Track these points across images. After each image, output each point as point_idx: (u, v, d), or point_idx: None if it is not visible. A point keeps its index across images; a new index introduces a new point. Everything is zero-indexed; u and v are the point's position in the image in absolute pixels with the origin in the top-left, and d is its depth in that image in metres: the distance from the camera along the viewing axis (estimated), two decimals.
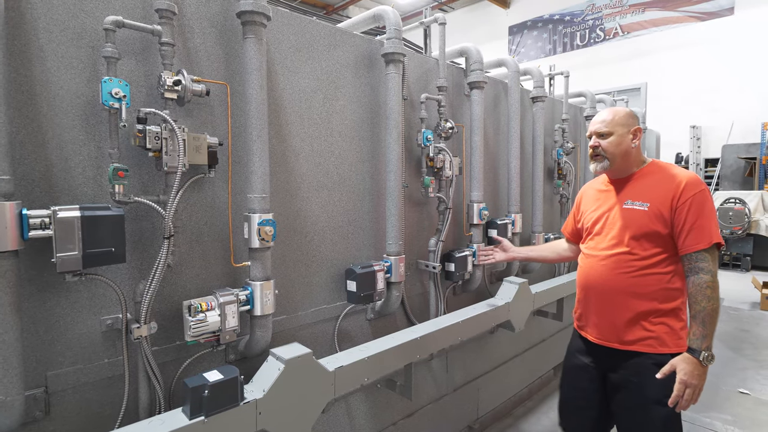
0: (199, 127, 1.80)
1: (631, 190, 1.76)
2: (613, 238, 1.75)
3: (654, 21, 11.22)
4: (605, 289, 1.76)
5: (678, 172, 1.70)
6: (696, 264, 1.60)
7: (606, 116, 1.78)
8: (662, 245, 1.66)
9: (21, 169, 1.42)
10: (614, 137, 1.75)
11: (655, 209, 1.65)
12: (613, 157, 1.75)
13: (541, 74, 3.70)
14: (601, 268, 1.77)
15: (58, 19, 1.47)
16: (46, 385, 1.48)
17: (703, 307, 1.56)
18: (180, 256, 1.75)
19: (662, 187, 1.68)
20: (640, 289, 1.68)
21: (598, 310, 1.81)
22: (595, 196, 1.93)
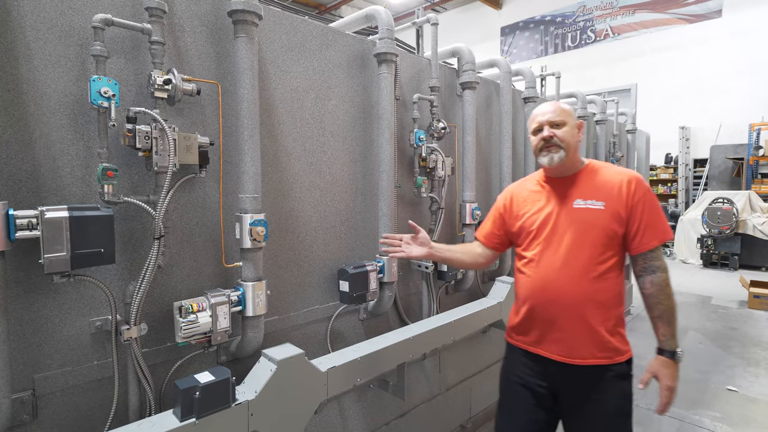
0: (190, 126, 1.78)
1: (579, 188, 1.61)
2: (571, 242, 1.56)
3: (644, 23, 11.35)
4: (568, 300, 1.55)
5: (623, 170, 1.63)
6: (651, 263, 1.54)
7: (555, 107, 1.64)
8: (615, 247, 1.56)
9: (7, 168, 1.39)
10: (568, 127, 1.61)
11: (612, 208, 1.54)
12: (568, 148, 1.59)
13: (532, 75, 3.72)
14: (560, 276, 1.56)
15: (46, 16, 1.45)
16: (33, 388, 1.46)
17: (666, 306, 1.52)
18: (170, 256, 1.74)
19: (613, 186, 1.57)
20: (601, 296, 1.55)
21: (560, 325, 1.58)
22: (531, 197, 1.72)
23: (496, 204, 1.87)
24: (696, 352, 4.30)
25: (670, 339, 1.53)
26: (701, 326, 5.08)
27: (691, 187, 10.60)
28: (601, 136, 4.90)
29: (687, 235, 9.00)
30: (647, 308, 1.57)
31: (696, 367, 3.96)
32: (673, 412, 3.16)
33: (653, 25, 11.21)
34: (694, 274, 7.94)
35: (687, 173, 10.55)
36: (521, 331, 1.72)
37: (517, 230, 1.73)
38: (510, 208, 1.78)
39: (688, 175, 10.58)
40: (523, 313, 1.69)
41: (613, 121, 5.31)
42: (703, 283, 7.21)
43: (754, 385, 3.63)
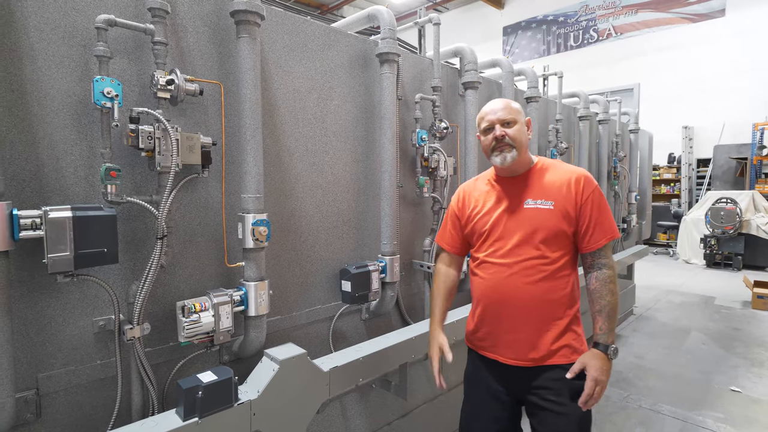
0: (193, 126, 1.79)
1: (529, 188, 1.59)
2: (521, 242, 1.55)
3: (646, 22, 11.31)
4: (521, 301, 1.54)
5: (571, 168, 1.61)
6: (599, 260, 1.55)
7: (504, 104, 1.60)
8: (566, 246, 1.56)
9: (11, 169, 1.40)
10: (518, 125, 1.58)
11: (561, 207, 1.53)
12: (520, 146, 1.57)
13: (535, 75, 3.72)
14: (512, 276, 1.55)
15: (49, 17, 1.46)
16: (37, 387, 1.46)
17: (608, 301, 1.53)
18: (173, 256, 1.74)
19: (562, 185, 1.56)
20: (553, 295, 1.54)
21: (513, 326, 1.56)
22: (482, 197, 1.69)
23: (450, 205, 1.81)
24: (698, 353, 4.29)
25: (606, 333, 1.52)
26: (704, 326, 5.06)
27: (695, 186, 10.56)
28: (604, 136, 4.89)
29: (690, 235, 8.97)
30: (590, 303, 1.57)
31: (698, 367, 3.94)
32: (676, 412, 3.15)
33: (656, 25, 11.17)
34: (697, 275, 7.91)
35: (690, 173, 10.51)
36: (477, 334, 1.69)
37: (470, 231, 1.69)
38: (463, 208, 1.74)
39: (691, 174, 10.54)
40: (477, 316, 1.68)
41: (615, 121, 5.29)
42: (706, 284, 7.19)
43: (757, 385, 3.62)
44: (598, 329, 1.53)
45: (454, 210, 1.78)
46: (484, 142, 1.62)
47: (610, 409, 3.19)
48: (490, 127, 1.59)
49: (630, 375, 3.76)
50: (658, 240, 10.59)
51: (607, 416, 3.09)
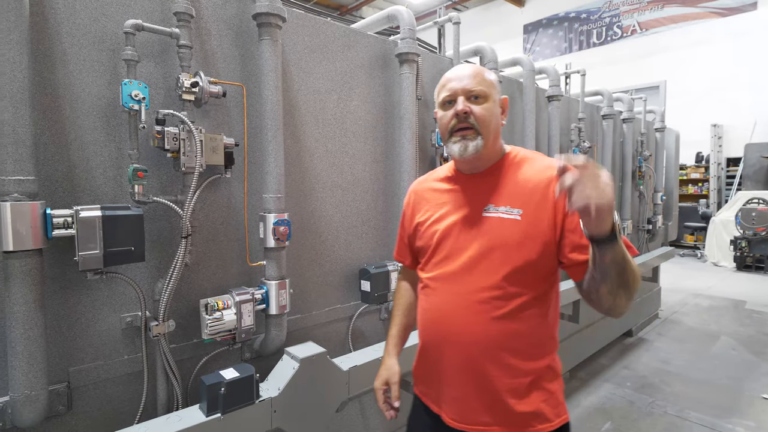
0: (216, 128, 1.82)
1: (492, 189, 1.16)
2: (474, 264, 1.13)
3: (673, 17, 10.98)
4: (467, 345, 1.12)
5: (550, 163, 1.17)
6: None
7: (473, 71, 1.16)
8: (535, 274, 1.10)
9: (45, 169, 1.45)
10: (489, 103, 1.14)
11: (531, 219, 1.09)
12: (487, 134, 1.13)
13: (556, 73, 3.66)
14: (458, 310, 1.14)
15: (81, 23, 1.51)
16: (68, 380, 1.52)
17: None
18: (197, 255, 1.78)
19: (536, 186, 1.11)
20: (513, 342, 1.11)
21: (458, 378, 1.15)
22: (434, 198, 1.27)
23: (404, 208, 1.41)
24: (728, 358, 4.14)
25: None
26: (734, 331, 4.89)
27: (724, 187, 10.20)
28: (628, 135, 4.78)
29: (719, 236, 8.67)
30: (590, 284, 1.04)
31: (728, 373, 3.81)
32: (704, 420, 3.05)
33: (683, 20, 10.84)
34: (726, 278, 7.64)
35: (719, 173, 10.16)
36: (420, 378, 1.32)
37: (418, 245, 1.29)
38: (412, 215, 1.33)
39: (721, 174, 10.18)
40: (420, 352, 1.30)
41: (640, 120, 5.16)
42: (736, 287, 6.93)
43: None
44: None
45: (404, 216, 1.39)
46: (441, 120, 1.17)
47: (634, 414, 3.11)
48: (452, 99, 1.15)
49: (656, 380, 3.66)
50: (685, 242, 10.27)
51: (632, 422, 3.01)
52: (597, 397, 3.35)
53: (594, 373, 3.79)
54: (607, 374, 3.76)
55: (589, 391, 3.45)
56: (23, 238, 1.29)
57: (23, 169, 1.31)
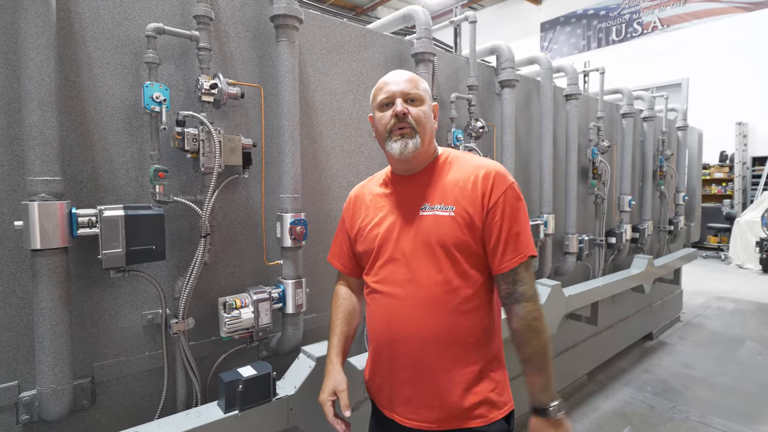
0: (234, 128, 1.85)
1: (426, 188, 1.22)
2: (415, 263, 1.17)
3: (696, 13, 10.71)
4: (417, 343, 1.16)
5: (481, 162, 1.22)
6: (515, 288, 1.15)
7: (409, 76, 1.22)
8: (475, 266, 1.17)
9: (70, 170, 1.50)
10: (425, 106, 1.21)
11: (463, 213, 1.15)
12: (423, 133, 1.19)
13: (575, 71, 3.60)
14: (405, 310, 1.17)
15: (104, 27, 1.55)
16: (92, 375, 1.56)
17: (534, 347, 1.14)
18: (215, 254, 1.81)
19: (466, 183, 1.18)
20: (460, 334, 1.15)
21: (410, 377, 1.18)
22: (374, 202, 1.30)
23: (343, 213, 1.43)
24: (754, 364, 4.02)
25: (543, 390, 1.14)
26: (760, 336, 4.74)
27: (749, 186, 9.89)
28: (649, 134, 4.68)
29: (744, 238, 8.42)
30: (515, 348, 1.19)
31: (754, 379, 3.69)
32: (728, 426, 2.96)
33: (707, 15, 10.55)
34: (752, 280, 7.41)
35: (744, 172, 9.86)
36: (373, 384, 1.32)
37: (360, 249, 1.31)
38: (353, 219, 1.35)
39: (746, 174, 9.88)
40: (371, 359, 1.32)
41: (662, 118, 5.05)
42: (762, 290, 6.72)
43: None
44: (531, 386, 1.15)
45: (344, 220, 1.41)
46: (379, 121, 1.22)
47: (655, 419, 3.04)
48: (389, 102, 1.20)
49: (677, 385, 3.58)
50: (708, 243, 10.00)
51: (652, 427, 2.95)
52: (616, 401, 3.28)
53: (613, 376, 3.72)
54: (627, 378, 3.69)
55: (608, 395, 3.39)
56: (50, 237, 1.33)
57: (50, 169, 1.35)
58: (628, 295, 3.95)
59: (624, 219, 4.23)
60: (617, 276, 3.66)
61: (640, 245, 4.58)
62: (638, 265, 3.89)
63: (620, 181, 4.30)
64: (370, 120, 1.28)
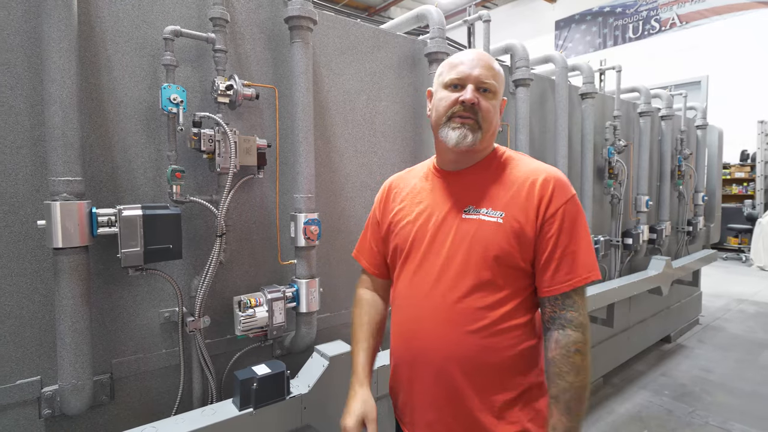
0: (249, 129, 1.87)
1: (474, 188, 1.08)
2: (450, 269, 1.04)
3: (716, 9, 10.46)
4: (446, 359, 1.03)
5: (539, 166, 1.09)
6: (562, 313, 1.00)
7: (487, 61, 1.07)
8: (520, 280, 1.03)
9: (90, 170, 1.53)
10: (496, 100, 1.08)
11: (512, 222, 1.01)
12: (487, 130, 1.06)
13: (590, 69, 3.55)
14: (433, 323, 1.04)
15: (124, 30, 1.58)
16: (111, 371, 1.59)
17: (569, 383, 0.97)
18: (231, 253, 1.83)
19: (521, 188, 1.04)
20: (496, 357, 1.01)
21: (434, 400, 1.06)
22: (413, 196, 1.17)
23: (376, 202, 1.29)
24: None
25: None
26: None
27: None
28: (667, 133, 4.59)
29: (766, 239, 8.20)
30: (546, 380, 1.03)
31: None
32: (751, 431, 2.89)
33: (727, 11, 10.30)
34: None
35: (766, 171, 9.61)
36: (396, 400, 1.20)
37: (390, 247, 1.19)
38: (385, 211, 1.22)
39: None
40: (394, 372, 1.19)
41: (680, 117, 4.95)
42: None
43: None
44: (550, 428, 0.99)
45: (375, 212, 1.27)
46: (440, 101, 1.07)
47: (672, 424, 2.98)
48: (459, 84, 1.06)
49: (696, 389, 3.50)
50: (729, 244, 9.77)
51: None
52: (632, 405, 3.23)
53: (629, 379, 3.66)
54: (644, 381, 3.63)
55: (624, 398, 3.33)
56: (71, 236, 1.36)
57: (71, 170, 1.38)
58: (645, 297, 3.88)
59: (641, 219, 4.16)
60: (634, 277, 3.60)
61: (658, 246, 4.49)
62: (656, 267, 3.82)
63: (637, 181, 4.23)
64: (428, 95, 1.16)
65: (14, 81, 1.40)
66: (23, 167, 1.42)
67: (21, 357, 1.43)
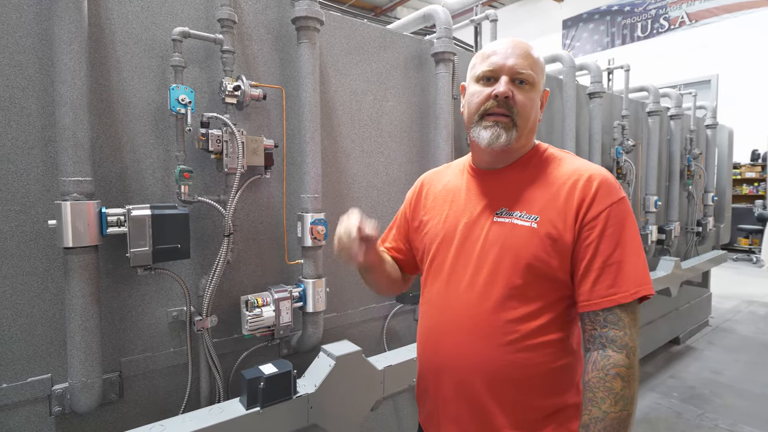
0: (257, 130, 1.88)
1: (509, 189, 1.00)
2: (478, 276, 0.97)
3: (726, 7, 10.34)
4: (470, 373, 0.97)
5: (583, 164, 0.99)
6: (604, 331, 0.89)
7: (526, 49, 0.98)
8: (555, 291, 0.95)
9: (100, 171, 1.54)
10: (535, 93, 0.98)
11: (549, 226, 0.92)
12: (524, 127, 0.97)
13: (598, 69, 3.53)
14: (460, 333, 0.98)
15: (133, 32, 1.59)
16: (120, 370, 1.60)
17: (603, 412, 0.85)
18: (238, 253, 1.84)
19: (560, 189, 0.94)
20: (525, 372, 0.94)
21: (458, 412, 1.00)
22: (444, 194, 1.12)
23: (409, 197, 1.25)
24: None
25: None
26: None
27: None
28: (676, 132, 4.54)
29: None
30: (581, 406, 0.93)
31: None
32: None
33: (737, 9, 10.18)
34: None
35: None
36: (422, 407, 1.15)
37: (419, 247, 1.14)
38: (416, 208, 1.18)
39: None
40: (420, 380, 1.14)
41: (690, 116, 4.90)
42: None
43: None
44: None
45: (406, 210, 1.23)
46: (473, 96, 0.99)
47: (682, 426, 2.96)
48: (493, 76, 0.97)
49: (705, 391, 3.46)
50: (739, 245, 9.65)
51: None
52: (641, 407, 3.20)
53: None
54: (652, 383, 3.59)
55: None
56: (81, 235, 1.38)
57: (81, 170, 1.39)
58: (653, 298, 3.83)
59: (649, 220, 4.12)
60: None
61: (667, 247, 4.45)
62: (664, 268, 3.79)
63: (646, 181, 4.19)
64: (461, 90, 1.07)
65: (26, 82, 1.41)
66: (34, 167, 1.44)
67: (32, 355, 1.45)
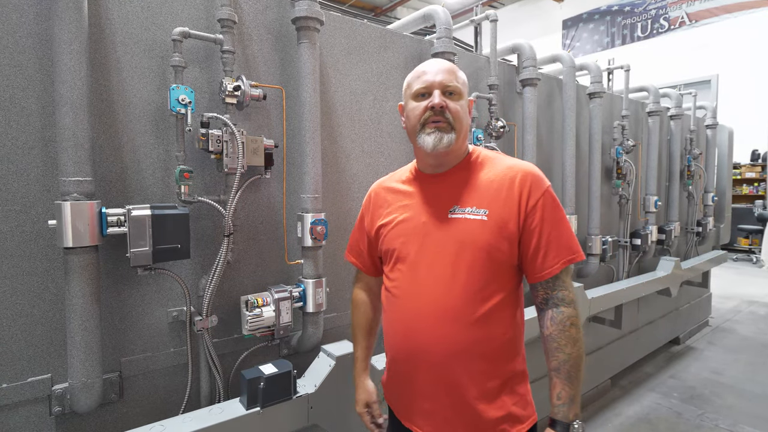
0: (257, 130, 1.88)
1: (456, 189, 1.15)
2: (441, 269, 1.10)
3: (726, 7, 10.34)
4: (445, 355, 1.10)
5: (515, 163, 1.15)
6: (554, 293, 1.11)
7: (449, 67, 1.15)
8: (505, 274, 1.11)
9: (100, 171, 1.55)
10: (463, 101, 1.14)
11: (497, 218, 1.08)
12: (460, 130, 1.12)
13: (598, 69, 3.53)
14: (427, 319, 1.11)
15: (133, 32, 1.59)
16: (120, 370, 1.60)
17: (567, 355, 1.07)
18: (238, 253, 1.84)
19: (501, 186, 1.11)
20: (486, 347, 1.10)
21: (432, 391, 1.13)
22: (396, 200, 1.24)
23: (362, 210, 1.37)
24: None
25: (567, 403, 1.06)
26: None
27: None
28: (676, 133, 4.54)
29: None
30: (545, 355, 1.12)
31: None
32: None
33: (737, 9, 10.18)
34: None
35: None
36: (391, 392, 1.29)
37: (381, 250, 1.26)
38: (373, 217, 1.29)
39: None
40: (390, 369, 1.28)
41: (690, 116, 4.90)
42: None
43: None
44: (555, 397, 1.08)
45: (363, 219, 1.35)
46: (412, 111, 1.14)
47: (682, 426, 2.96)
48: (426, 92, 1.13)
49: (705, 392, 3.46)
50: (739, 245, 9.65)
51: None
52: (641, 407, 3.20)
53: (637, 381, 3.63)
54: (652, 383, 3.59)
55: (632, 400, 3.30)
56: (81, 235, 1.38)
57: (82, 170, 1.40)
58: (653, 299, 3.85)
59: (650, 220, 4.13)
60: (642, 278, 3.56)
61: (667, 247, 4.45)
62: (664, 268, 3.79)
63: (646, 181, 4.20)
64: (400, 109, 1.24)
65: (26, 82, 1.42)
66: (34, 167, 1.44)
67: (32, 355, 1.45)
